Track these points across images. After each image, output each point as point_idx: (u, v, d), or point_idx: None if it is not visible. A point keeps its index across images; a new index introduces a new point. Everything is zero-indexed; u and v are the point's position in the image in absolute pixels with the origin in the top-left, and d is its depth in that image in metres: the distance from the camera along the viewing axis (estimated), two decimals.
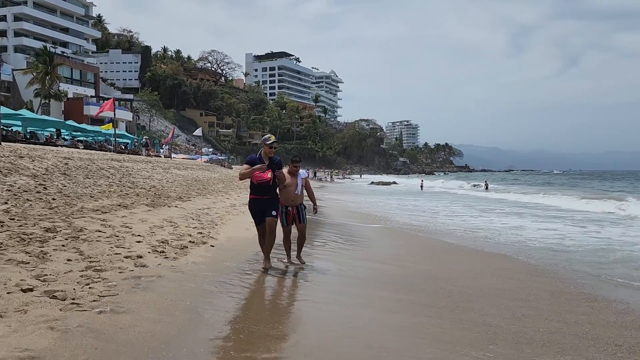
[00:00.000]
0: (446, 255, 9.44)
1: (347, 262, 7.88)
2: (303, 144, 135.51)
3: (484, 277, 7.33)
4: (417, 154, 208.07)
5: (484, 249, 10.31)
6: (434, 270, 7.77)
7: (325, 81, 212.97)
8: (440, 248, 10.43)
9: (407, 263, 8.35)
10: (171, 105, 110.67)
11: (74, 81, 72.38)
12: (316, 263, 7.30)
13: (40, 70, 60.32)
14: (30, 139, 24.83)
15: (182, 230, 8.04)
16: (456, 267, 8.06)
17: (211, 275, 5.50)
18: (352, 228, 13.19)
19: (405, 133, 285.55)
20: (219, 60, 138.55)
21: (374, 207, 23.14)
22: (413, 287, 6.35)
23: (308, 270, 6.69)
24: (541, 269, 8.06)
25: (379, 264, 8.06)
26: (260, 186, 6.32)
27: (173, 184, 17.35)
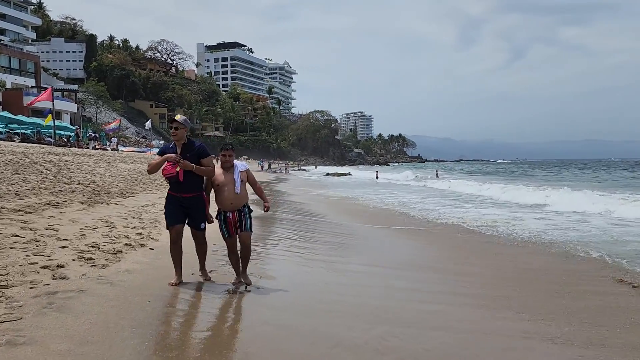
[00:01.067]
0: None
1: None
2: (257, 136, 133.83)
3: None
4: (371, 145, 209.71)
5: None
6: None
7: (279, 72, 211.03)
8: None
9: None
10: (119, 97, 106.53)
11: (12, 70, 68.35)
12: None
13: None
14: None
15: (118, 232, 7.18)
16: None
17: (145, 287, 4.74)
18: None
19: (359, 124, 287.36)
20: (169, 50, 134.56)
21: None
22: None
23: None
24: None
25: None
26: (176, 182, 5.12)
27: (116, 178, 16.20)
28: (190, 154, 5.15)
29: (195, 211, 5.26)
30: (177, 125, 5.28)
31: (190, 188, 5.15)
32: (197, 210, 5.27)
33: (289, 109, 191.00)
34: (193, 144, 5.32)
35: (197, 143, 5.45)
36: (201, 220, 5.35)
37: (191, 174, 5.07)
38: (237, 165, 5.48)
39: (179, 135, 5.21)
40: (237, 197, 5.35)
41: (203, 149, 5.31)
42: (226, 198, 5.34)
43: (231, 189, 5.31)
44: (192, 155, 5.14)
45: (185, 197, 5.18)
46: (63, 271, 4.74)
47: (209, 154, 5.34)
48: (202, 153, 5.24)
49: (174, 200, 5.23)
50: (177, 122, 5.29)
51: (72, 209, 8.47)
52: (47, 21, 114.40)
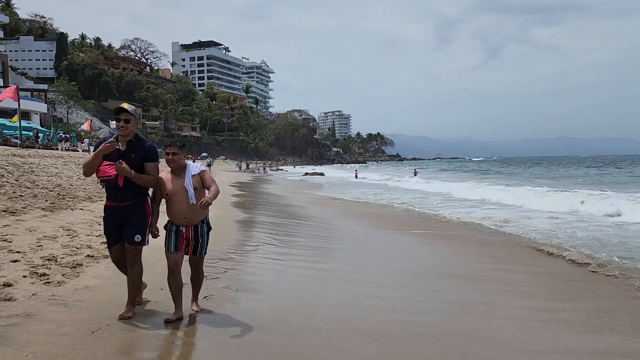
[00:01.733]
0: None
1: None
2: (235, 136, 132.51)
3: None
4: (349, 143, 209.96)
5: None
6: None
7: (256, 71, 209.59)
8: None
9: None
10: (91, 96, 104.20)
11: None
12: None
13: None
14: None
15: (80, 241, 6.55)
16: None
17: (105, 308, 4.16)
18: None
19: (337, 123, 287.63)
20: (143, 49, 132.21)
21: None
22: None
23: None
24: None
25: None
26: (112, 187, 4.01)
27: (85, 181, 15.40)
28: (136, 154, 4.09)
29: (130, 219, 4.06)
30: (127, 116, 4.06)
31: (131, 195, 4.05)
32: (132, 218, 4.07)
33: (267, 108, 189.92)
34: (142, 142, 4.20)
35: (148, 143, 4.32)
36: (137, 231, 4.08)
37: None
38: (190, 167, 4.30)
39: (128, 129, 4.06)
40: (192, 210, 4.17)
41: (153, 152, 4.21)
42: (177, 211, 4.20)
43: (183, 198, 4.16)
44: (137, 157, 4.08)
45: (123, 208, 4.05)
46: (10, 291, 4.14)
47: (158, 159, 4.30)
48: (150, 156, 4.16)
49: (111, 213, 4.10)
50: (127, 112, 4.06)
51: (31, 216, 7.80)
52: (15, 19, 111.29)
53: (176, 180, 4.23)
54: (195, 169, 4.32)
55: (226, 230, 9.67)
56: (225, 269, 6.16)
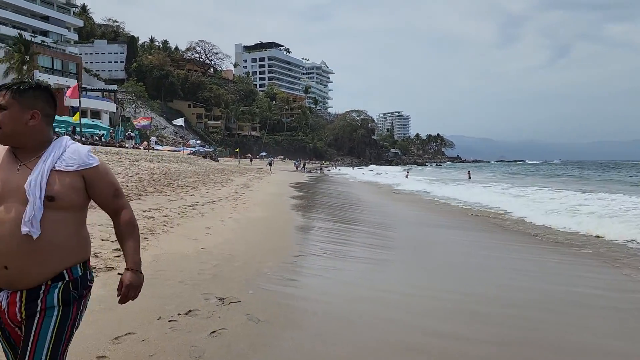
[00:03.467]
0: None
1: None
2: (293, 136, 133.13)
3: None
4: (408, 145, 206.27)
5: None
6: None
7: (316, 72, 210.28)
8: None
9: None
10: (158, 97, 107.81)
11: (55, 71, 69.45)
12: None
13: (16, 60, 57.60)
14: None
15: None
16: None
17: (78, 345, 3.19)
18: None
19: (396, 124, 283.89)
20: (207, 50, 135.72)
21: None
22: None
23: None
24: None
25: None
26: None
27: (131, 178, 15.01)
28: None
29: None
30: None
31: None
32: None
33: (326, 108, 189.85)
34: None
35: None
36: None
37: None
38: (60, 149, 2.01)
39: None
40: (29, 248, 1.87)
41: None
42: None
43: (11, 219, 1.87)
44: None
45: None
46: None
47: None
48: None
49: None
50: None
51: None
52: (90, 24, 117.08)
53: (9, 172, 1.95)
54: (75, 156, 2.01)
55: (282, 238, 8.77)
56: (253, 290, 5.12)
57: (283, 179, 36.36)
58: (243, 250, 7.07)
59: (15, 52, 58.04)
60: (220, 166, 40.85)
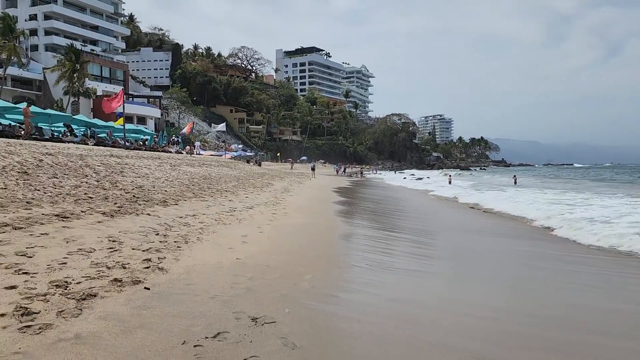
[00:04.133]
0: None
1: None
2: (334, 140, 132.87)
3: None
4: (451, 148, 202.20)
5: None
6: None
7: (356, 76, 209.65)
8: None
9: None
10: (201, 102, 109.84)
11: (103, 79, 71.78)
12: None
13: (68, 68, 59.72)
14: (32, 135, 22.85)
15: (119, 256, 5.40)
16: None
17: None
18: None
19: (438, 127, 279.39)
20: (249, 56, 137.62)
21: None
22: None
23: None
24: None
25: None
26: None
27: (171, 183, 14.88)
28: None
29: None
30: None
31: None
32: None
33: (366, 112, 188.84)
34: None
35: None
36: None
37: None
38: None
39: None
40: None
41: None
42: None
43: None
44: None
45: None
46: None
47: None
48: None
49: None
50: None
51: (84, 222, 6.88)
52: (137, 32, 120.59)
53: None
54: None
55: (322, 246, 8.29)
56: (290, 307, 4.63)
57: (323, 184, 35.96)
58: (281, 261, 6.62)
59: (67, 61, 60.14)
60: (261, 170, 40.85)
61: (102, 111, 58.09)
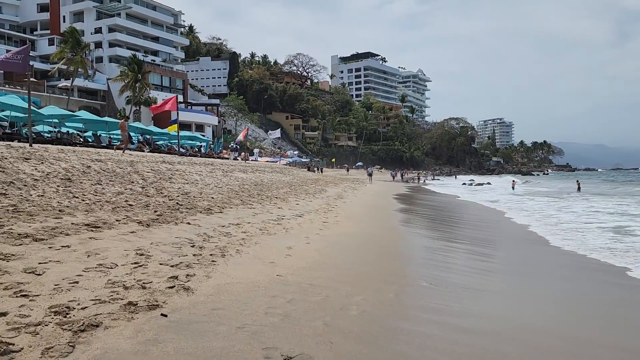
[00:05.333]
0: None
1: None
2: (390, 145, 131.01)
3: None
4: (511, 152, 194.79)
5: None
6: None
7: (412, 80, 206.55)
8: None
9: None
10: (258, 109, 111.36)
11: (163, 88, 74.00)
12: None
13: (130, 78, 61.94)
14: (89, 142, 23.35)
15: (142, 274, 4.74)
16: None
17: None
18: None
19: (498, 131, 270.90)
20: (305, 63, 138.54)
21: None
22: None
23: None
24: None
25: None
26: None
27: (220, 189, 14.41)
28: None
29: None
30: None
31: None
32: None
33: (423, 117, 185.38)
34: None
35: None
36: None
37: None
38: None
39: None
40: None
41: None
42: None
43: None
44: None
45: None
46: None
47: None
48: None
49: None
50: None
51: (116, 232, 6.33)
52: (196, 42, 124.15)
53: None
54: None
55: (376, 260, 7.40)
56: (335, 340, 3.79)
57: (379, 190, 34.89)
58: (327, 278, 5.78)
59: (130, 72, 62.35)
60: (315, 176, 40.29)
61: (161, 120, 59.90)
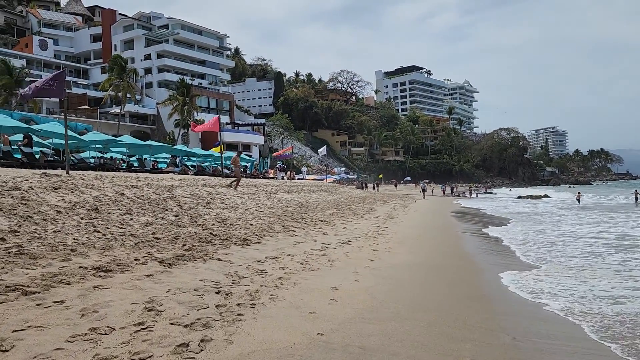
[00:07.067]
0: None
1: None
2: (438, 158, 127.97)
3: None
4: (566, 162, 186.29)
5: None
6: None
7: (459, 92, 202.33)
8: None
9: None
10: (303, 127, 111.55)
11: (210, 110, 75.04)
12: None
13: (179, 102, 63.14)
14: (132, 167, 23.11)
15: (142, 341, 3.69)
16: None
17: None
18: None
19: (551, 140, 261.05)
20: (349, 79, 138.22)
21: None
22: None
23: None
24: None
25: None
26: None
27: (261, 213, 13.43)
28: None
29: None
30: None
31: None
32: None
33: (471, 128, 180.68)
34: None
35: None
36: None
37: None
38: None
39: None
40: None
41: None
42: None
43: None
44: None
45: None
46: None
47: None
48: None
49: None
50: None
51: (127, 277, 5.36)
52: (242, 64, 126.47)
53: None
54: None
55: (443, 305, 6.10)
56: None
57: (430, 206, 33.16)
58: (382, 335, 4.55)
59: (179, 96, 63.53)
60: (363, 194, 38.98)
61: (208, 141, 60.37)
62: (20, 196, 8.81)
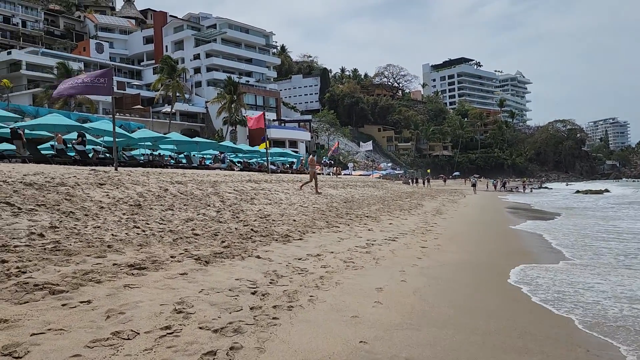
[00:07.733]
0: None
1: None
2: (488, 152, 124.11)
3: None
4: (629, 154, 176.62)
5: None
6: None
7: (511, 84, 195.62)
8: None
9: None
10: (349, 123, 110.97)
11: (257, 107, 75.74)
12: None
13: (227, 100, 64.10)
14: (180, 163, 23.36)
15: (167, 347, 3.38)
16: None
17: None
18: None
19: (611, 132, 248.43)
20: (395, 74, 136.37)
21: None
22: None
23: None
24: None
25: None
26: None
27: (305, 209, 13.12)
28: None
29: None
30: None
31: None
32: None
33: (524, 121, 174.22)
34: None
35: None
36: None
37: None
38: None
39: None
40: None
41: None
42: None
43: None
44: None
45: None
46: None
47: None
48: None
49: None
50: None
51: (160, 276, 5.11)
52: (288, 61, 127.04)
53: None
54: None
55: (499, 309, 5.55)
56: None
57: (480, 202, 31.97)
58: (432, 344, 4.08)
59: (227, 94, 64.48)
60: (410, 189, 38.11)
61: (256, 138, 60.84)
62: (65, 192, 8.84)
